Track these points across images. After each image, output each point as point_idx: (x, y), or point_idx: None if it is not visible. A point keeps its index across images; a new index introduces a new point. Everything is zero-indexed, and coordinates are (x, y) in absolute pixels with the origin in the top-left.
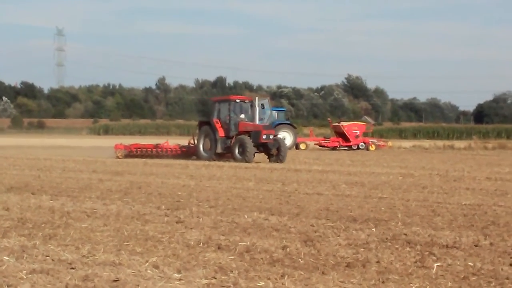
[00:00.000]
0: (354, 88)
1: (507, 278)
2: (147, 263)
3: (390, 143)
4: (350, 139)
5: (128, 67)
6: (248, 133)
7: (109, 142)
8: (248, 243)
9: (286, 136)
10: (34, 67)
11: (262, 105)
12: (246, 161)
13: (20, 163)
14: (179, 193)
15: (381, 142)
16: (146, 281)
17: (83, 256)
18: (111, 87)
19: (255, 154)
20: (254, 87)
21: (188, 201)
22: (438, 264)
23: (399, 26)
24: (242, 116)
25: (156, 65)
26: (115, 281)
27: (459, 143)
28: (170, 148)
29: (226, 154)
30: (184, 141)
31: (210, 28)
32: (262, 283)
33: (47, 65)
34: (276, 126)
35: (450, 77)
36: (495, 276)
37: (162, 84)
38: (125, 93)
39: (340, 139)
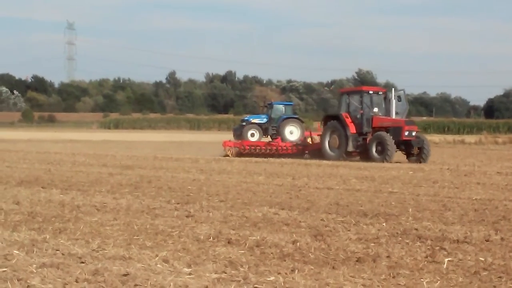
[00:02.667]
0: (365, 82)
1: None
2: (157, 258)
3: None
4: None
5: (139, 61)
6: (385, 129)
7: (121, 136)
8: (258, 237)
9: (294, 131)
10: (45, 61)
11: (399, 97)
12: (386, 161)
13: (30, 157)
14: (189, 187)
15: None
16: (156, 276)
17: (93, 250)
18: (121, 81)
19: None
20: (264, 81)
21: (198, 195)
22: (449, 259)
23: (410, 21)
24: (375, 110)
25: (167, 59)
26: (125, 275)
27: (470, 138)
28: (283, 146)
29: (354, 153)
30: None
31: (220, 23)
32: (272, 278)
33: (58, 59)
34: (283, 120)
35: (460, 71)
36: (506, 271)
37: (172, 78)
38: (136, 87)
39: None
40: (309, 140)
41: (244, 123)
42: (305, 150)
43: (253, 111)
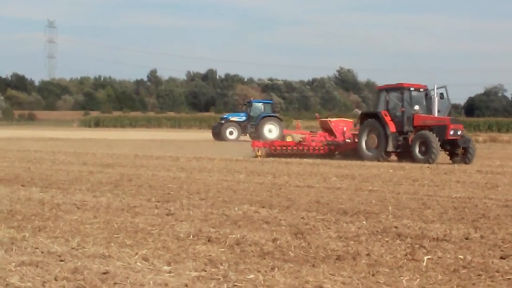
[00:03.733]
0: (345, 81)
1: (497, 271)
2: (137, 256)
3: None
4: (337, 135)
5: (120, 60)
6: (428, 128)
7: (101, 134)
8: (239, 235)
9: (273, 129)
10: (25, 59)
11: (441, 94)
12: (430, 162)
13: (10, 155)
14: (170, 185)
15: None
16: (136, 274)
17: (73, 248)
18: (102, 79)
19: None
20: (245, 80)
21: (178, 194)
22: (429, 257)
23: (391, 19)
24: (416, 107)
25: (148, 57)
26: (104, 273)
27: None
28: (314, 146)
29: (393, 153)
30: None
31: (201, 21)
32: (252, 276)
33: (38, 57)
34: (262, 118)
35: (441, 70)
36: (485, 269)
37: (153, 77)
38: (116, 85)
39: (326, 134)
40: (288, 138)
41: (223, 121)
42: (337, 150)
43: (234, 110)
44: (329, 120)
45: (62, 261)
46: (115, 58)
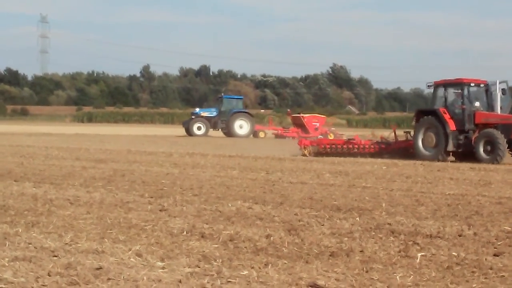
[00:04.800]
0: (339, 77)
1: (491, 268)
2: (130, 251)
3: (345, 137)
4: (309, 131)
5: (113, 55)
6: (492, 126)
7: (94, 130)
8: (232, 231)
9: (244, 125)
10: (18, 54)
11: (503, 90)
12: (497, 162)
13: (3, 150)
14: (163, 181)
15: (340, 134)
16: (129, 269)
17: (66, 243)
18: (95, 74)
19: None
20: (239, 76)
21: (171, 189)
22: (422, 253)
23: (384, 16)
24: (477, 104)
25: (141, 53)
26: (98, 269)
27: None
28: (364, 144)
29: (452, 153)
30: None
31: (195, 17)
32: (245, 272)
33: (31, 52)
34: (233, 114)
35: (434, 67)
36: (478, 266)
37: (146, 72)
38: (109, 80)
39: (299, 130)
40: (261, 134)
41: (193, 117)
42: (388, 149)
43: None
44: (302, 116)
45: (55, 256)
46: (108, 54)
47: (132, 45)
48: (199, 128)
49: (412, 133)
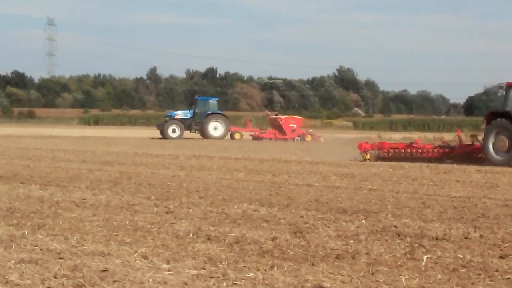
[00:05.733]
0: (345, 80)
1: (497, 271)
2: (136, 254)
3: (322, 139)
4: (286, 132)
5: (119, 57)
6: None
7: (100, 132)
8: (238, 234)
9: (218, 127)
10: (25, 57)
11: None
12: None
13: (9, 153)
14: (169, 183)
15: (317, 135)
16: (135, 272)
17: (72, 246)
18: (102, 77)
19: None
20: (245, 78)
21: (178, 192)
22: (428, 256)
23: (391, 18)
24: None
25: (148, 55)
26: (103, 271)
27: (449, 136)
28: (428, 148)
29: None
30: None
31: (201, 19)
32: (251, 274)
33: (38, 54)
34: (207, 115)
35: (441, 69)
36: (484, 268)
37: (153, 75)
38: (116, 83)
39: (276, 132)
40: (237, 136)
41: (167, 119)
42: (452, 153)
43: (234, 108)
44: (279, 117)
45: (61, 258)
46: (115, 56)
47: (138, 47)
48: (173, 131)
49: (479, 137)
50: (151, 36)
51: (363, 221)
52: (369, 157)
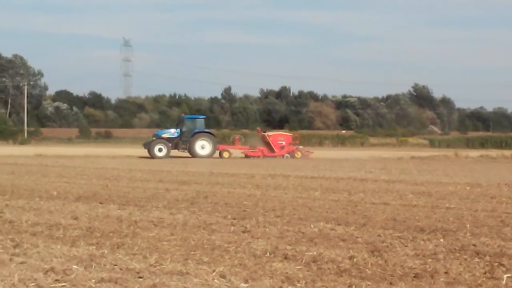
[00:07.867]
0: (420, 97)
1: None
2: (214, 273)
3: (313, 155)
4: (275, 149)
5: (194, 77)
6: None
7: (176, 152)
8: (315, 253)
9: (205, 145)
10: (102, 78)
11: None
12: None
13: (88, 173)
14: (245, 202)
15: (307, 151)
16: None
17: (151, 265)
18: (177, 97)
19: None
20: (319, 97)
21: (254, 211)
22: (508, 275)
23: (466, 34)
24: None
25: (222, 75)
26: None
27: None
28: None
29: None
30: None
31: (274, 38)
32: None
33: (115, 75)
34: (194, 134)
35: None
36: None
37: (227, 94)
38: (191, 103)
39: (264, 149)
40: (225, 154)
41: (154, 138)
42: None
43: (309, 127)
44: (267, 134)
45: (140, 277)
46: (190, 76)
47: (213, 67)
48: (160, 150)
49: None
50: (225, 55)
51: (441, 240)
52: None
